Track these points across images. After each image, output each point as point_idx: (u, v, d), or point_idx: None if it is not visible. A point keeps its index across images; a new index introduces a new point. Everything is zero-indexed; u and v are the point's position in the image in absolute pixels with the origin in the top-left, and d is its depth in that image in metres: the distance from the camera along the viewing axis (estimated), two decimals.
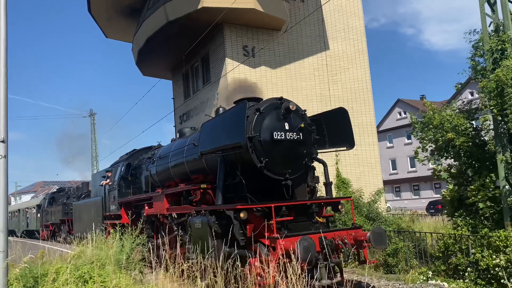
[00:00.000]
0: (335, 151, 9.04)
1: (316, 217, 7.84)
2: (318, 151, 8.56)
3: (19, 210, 36.84)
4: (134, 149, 14.81)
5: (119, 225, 11.59)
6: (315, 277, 6.23)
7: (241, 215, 6.86)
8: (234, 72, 16.33)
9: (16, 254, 6.99)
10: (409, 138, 42.31)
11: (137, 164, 13.42)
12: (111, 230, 12.07)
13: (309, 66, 18.64)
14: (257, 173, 7.50)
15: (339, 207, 8.24)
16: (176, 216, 9.45)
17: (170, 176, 10.60)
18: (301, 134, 7.89)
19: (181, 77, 21.70)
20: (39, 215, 29.84)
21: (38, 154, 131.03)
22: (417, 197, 43.83)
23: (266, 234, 6.72)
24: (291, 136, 7.74)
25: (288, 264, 5.07)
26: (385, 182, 30.04)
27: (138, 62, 21.50)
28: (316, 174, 8.56)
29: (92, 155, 41.62)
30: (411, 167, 44.34)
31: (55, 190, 32.37)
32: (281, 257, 6.04)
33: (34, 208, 31.48)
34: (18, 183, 69.40)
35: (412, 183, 44.92)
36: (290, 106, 7.72)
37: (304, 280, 5.12)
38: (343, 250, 6.94)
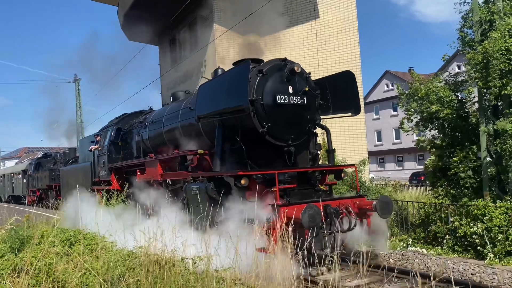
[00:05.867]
0: (340, 117, 8.71)
1: (319, 185, 7.64)
2: (322, 117, 8.23)
3: (3, 175, 36.45)
4: (125, 113, 14.10)
5: (105, 191, 11.47)
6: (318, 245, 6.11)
7: (242, 181, 6.62)
8: (222, 38, 16.06)
9: (2, 218, 6.99)
10: (395, 110, 42.54)
11: (128, 129, 12.90)
12: (99, 196, 12.03)
13: (298, 35, 18.42)
14: (258, 139, 7.20)
15: (342, 175, 8.06)
16: (170, 183, 9.16)
17: (163, 141, 10.23)
18: (305, 98, 7.53)
19: (167, 43, 21.29)
20: (25, 180, 29.59)
21: (22, 119, 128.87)
22: (401, 168, 44.57)
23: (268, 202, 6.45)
24: (295, 100, 7.37)
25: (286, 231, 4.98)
26: (370, 153, 30.43)
27: (124, 26, 20.99)
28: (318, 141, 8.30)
29: (77, 121, 41.02)
30: (396, 139, 44.86)
31: (41, 155, 31.97)
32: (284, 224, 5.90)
33: (19, 173, 31.17)
34: (2, 149, 68.45)
35: (396, 154, 45.56)
36: (295, 68, 7.35)
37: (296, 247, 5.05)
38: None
